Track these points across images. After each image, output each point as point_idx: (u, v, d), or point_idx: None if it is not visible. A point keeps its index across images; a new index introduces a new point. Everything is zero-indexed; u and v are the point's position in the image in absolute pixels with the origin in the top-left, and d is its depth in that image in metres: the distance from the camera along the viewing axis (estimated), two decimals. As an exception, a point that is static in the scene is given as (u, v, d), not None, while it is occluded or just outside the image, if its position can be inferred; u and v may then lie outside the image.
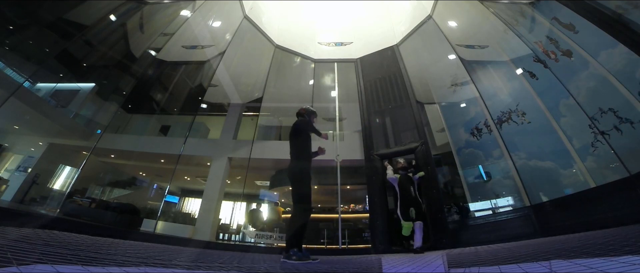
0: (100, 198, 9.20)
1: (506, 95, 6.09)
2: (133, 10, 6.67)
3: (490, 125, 6.24)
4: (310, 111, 3.73)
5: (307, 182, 3.25)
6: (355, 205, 8.44)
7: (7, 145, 7.64)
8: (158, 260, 2.24)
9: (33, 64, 6.05)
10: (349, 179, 8.16)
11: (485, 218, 5.56)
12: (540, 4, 5.29)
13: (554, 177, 4.96)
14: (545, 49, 5.31)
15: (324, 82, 9.55)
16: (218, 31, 8.27)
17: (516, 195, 5.42)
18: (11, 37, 5.69)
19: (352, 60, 9.02)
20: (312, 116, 3.72)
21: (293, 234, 3.07)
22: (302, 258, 2.89)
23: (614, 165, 4.11)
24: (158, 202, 9.68)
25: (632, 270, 1.15)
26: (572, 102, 4.79)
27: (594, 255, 1.62)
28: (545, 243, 3.17)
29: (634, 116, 3.94)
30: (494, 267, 1.76)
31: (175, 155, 8.31)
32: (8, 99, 5.18)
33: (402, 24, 8.51)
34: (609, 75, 4.27)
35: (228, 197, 10.03)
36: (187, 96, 9.69)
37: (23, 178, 7.42)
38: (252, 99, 9.97)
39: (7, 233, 2.52)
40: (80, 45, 6.34)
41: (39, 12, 5.55)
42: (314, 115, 3.76)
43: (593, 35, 4.47)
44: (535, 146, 5.36)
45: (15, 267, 1.15)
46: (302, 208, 3.16)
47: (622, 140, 4.08)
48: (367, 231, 6.89)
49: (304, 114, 3.68)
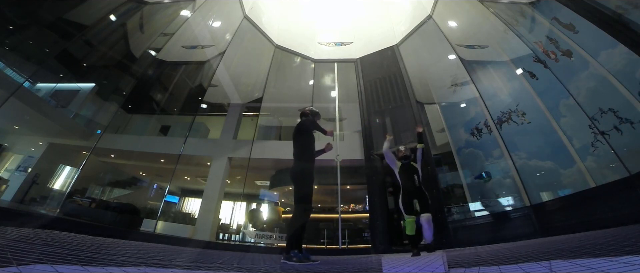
0: (100, 198, 9.20)
1: (506, 95, 6.09)
2: (133, 10, 6.67)
3: (490, 125, 6.24)
4: (314, 112, 3.73)
5: (308, 182, 3.24)
6: (355, 205, 8.43)
7: (7, 145, 7.65)
8: (158, 260, 2.24)
9: (33, 63, 6.05)
10: (349, 179, 8.15)
11: (485, 218, 5.56)
12: (540, 4, 5.29)
13: (554, 177, 4.96)
14: (545, 49, 5.31)
15: (324, 82, 9.55)
16: (218, 31, 8.27)
17: (516, 195, 5.42)
18: (11, 37, 5.69)
19: (352, 60, 9.03)
20: (316, 117, 3.71)
21: (293, 234, 3.07)
22: (302, 260, 2.89)
23: (614, 165, 4.11)
24: (158, 202, 9.67)
25: (632, 270, 1.15)
26: (572, 102, 4.79)
27: (594, 255, 1.62)
28: (545, 243, 3.17)
29: (634, 116, 3.94)
30: (494, 267, 1.76)
31: (175, 155, 8.31)
32: (8, 99, 5.18)
33: (402, 24, 8.51)
34: (609, 75, 4.27)
35: (228, 197, 10.03)
36: (187, 96, 9.69)
37: (23, 178, 7.43)
38: (252, 99, 9.97)
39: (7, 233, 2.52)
40: (80, 45, 6.35)
41: (39, 12, 5.55)
42: (318, 116, 3.75)
43: (593, 35, 4.47)
44: (535, 146, 5.36)
45: (14, 267, 1.15)
46: (302, 209, 3.16)
47: (622, 140, 4.08)
48: (367, 231, 6.89)
49: (308, 114, 3.68)
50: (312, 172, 3.33)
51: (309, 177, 3.27)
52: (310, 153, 3.44)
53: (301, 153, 3.39)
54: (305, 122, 3.53)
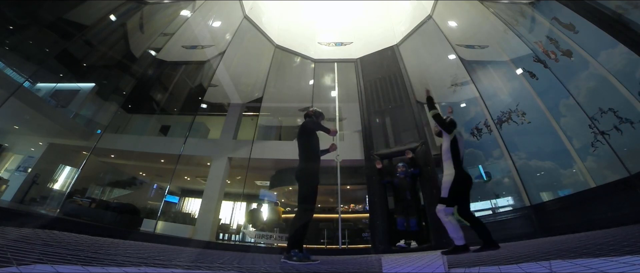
0: (100, 198, 9.20)
1: (506, 95, 6.09)
2: (133, 10, 6.67)
3: (490, 125, 6.24)
4: (317, 113, 3.76)
5: (312, 182, 3.25)
6: (355, 205, 8.44)
7: (7, 145, 7.65)
8: (158, 260, 2.24)
9: (33, 64, 6.05)
10: (349, 179, 8.15)
11: (485, 218, 5.56)
12: (540, 4, 5.29)
13: (554, 177, 4.96)
14: (545, 49, 5.31)
15: (324, 82, 9.55)
16: (218, 31, 8.27)
17: (516, 195, 5.42)
18: (11, 37, 5.69)
19: (352, 60, 9.02)
20: (319, 118, 3.73)
21: (294, 234, 3.08)
22: (303, 259, 2.89)
23: (614, 165, 4.11)
24: (158, 202, 9.68)
25: (632, 271, 1.15)
26: (572, 102, 4.79)
27: (594, 255, 1.62)
28: (545, 243, 3.17)
29: (634, 116, 3.94)
30: (494, 267, 1.76)
31: (175, 155, 8.31)
32: (8, 99, 5.18)
33: (402, 24, 8.51)
34: (609, 75, 4.27)
35: (228, 197, 10.03)
36: (187, 96, 9.69)
37: (23, 178, 7.43)
38: (252, 99, 9.97)
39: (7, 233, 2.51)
40: (80, 45, 6.34)
41: (39, 12, 5.55)
42: (322, 117, 3.78)
43: (593, 35, 4.47)
44: (535, 146, 5.36)
45: (14, 267, 1.15)
46: (304, 209, 3.17)
47: (622, 140, 4.08)
48: (367, 231, 6.89)
49: (312, 115, 3.71)
50: (317, 172, 3.34)
51: (313, 177, 3.28)
52: (315, 153, 3.45)
53: (305, 153, 3.41)
54: (308, 123, 3.55)
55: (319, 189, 3.32)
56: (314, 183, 3.26)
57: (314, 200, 3.22)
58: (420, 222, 5.56)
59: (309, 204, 3.17)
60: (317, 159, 3.44)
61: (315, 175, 3.31)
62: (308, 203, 3.17)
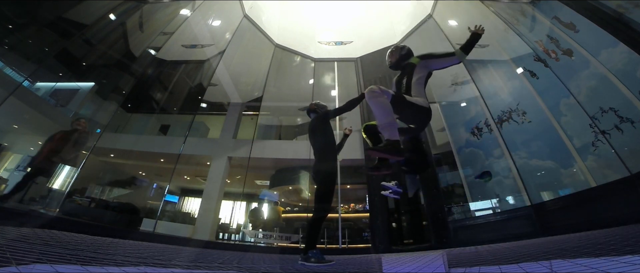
0: (99, 197, 9.19)
1: (507, 95, 6.08)
2: (132, 9, 6.66)
3: (490, 124, 6.23)
4: (321, 105, 3.64)
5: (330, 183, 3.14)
6: (356, 205, 8.44)
7: (7, 145, 7.62)
8: (157, 260, 2.23)
9: (32, 63, 6.03)
10: (349, 179, 8.15)
11: (486, 217, 5.56)
12: (540, 3, 5.28)
13: (555, 177, 4.95)
14: (546, 48, 5.30)
15: (324, 81, 9.54)
16: (218, 30, 8.25)
17: (517, 195, 5.42)
18: (10, 36, 5.66)
19: (352, 59, 9.01)
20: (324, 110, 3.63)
21: (310, 234, 3.01)
22: (321, 260, 2.80)
23: (615, 164, 4.10)
24: (158, 202, 9.66)
25: (632, 270, 1.14)
26: (573, 102, 4.78)
27: (595, 255, 1.61)
28: (546, 243, 3.16)
29: (635, 115, 3.93)
30: (494, 267, 1.75)
31: (175, 155, 8.30)
32: (7, 98, 5.17)
33: (403, 23, 8.49)
34: (610, 74, 4.26)
35: (228, 197, 10.02)
36: (186, 95, 9.67)
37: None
38: (252, 98, 9.96)
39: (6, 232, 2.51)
40: (80, 44, 6.33)
41: (38, 11, 5.54)
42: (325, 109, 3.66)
43: (594, 35, 4.46)
44: (535, 145, 5.35)
45: (14, 267, 1.15)
46: (321, 208, 3.08)
47: (622, 139, 4.07)
48: (367, 231, 6.89)
49: (316, 109, 3.57)
50: (334, 170, 3.23)
51: (331, 176, 3.17)
52: (333, 149, 3.32)
53: (321, 150, 3.28)
54: (315, 119, 3.44)
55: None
56: (332, 184, 3.15)
57: (330, 200, 3.13)
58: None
59: (327, 204, 3.09)
60: (335, 154, 3.32)
61: (334, 175, 3.20)
62: (325, 202, 3.09)
